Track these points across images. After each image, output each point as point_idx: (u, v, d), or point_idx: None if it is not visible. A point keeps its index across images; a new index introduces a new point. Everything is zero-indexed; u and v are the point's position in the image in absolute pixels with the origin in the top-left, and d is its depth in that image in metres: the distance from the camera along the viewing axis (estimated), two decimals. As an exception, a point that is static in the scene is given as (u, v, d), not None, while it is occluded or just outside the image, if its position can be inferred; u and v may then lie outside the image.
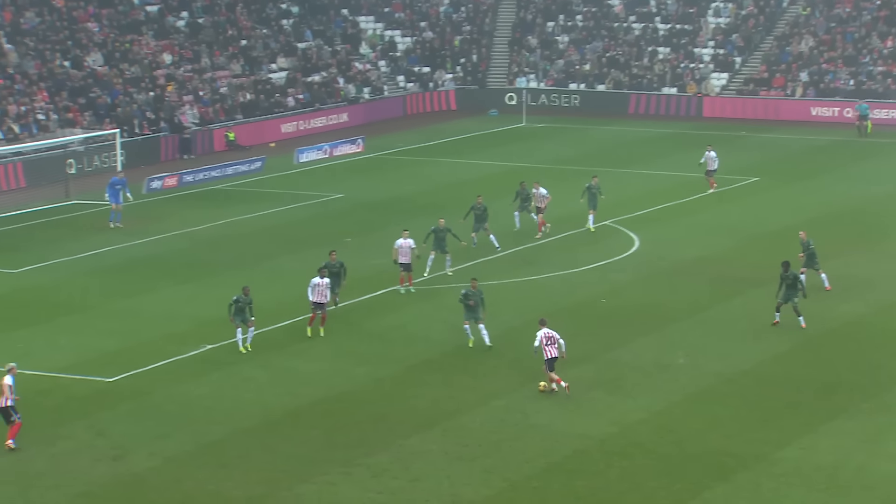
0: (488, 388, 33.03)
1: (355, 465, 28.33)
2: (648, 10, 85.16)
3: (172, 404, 32.12)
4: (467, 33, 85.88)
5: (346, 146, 67.41)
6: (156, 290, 41.91)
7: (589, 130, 73.34)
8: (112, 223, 50.64)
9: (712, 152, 56.20)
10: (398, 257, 40.81)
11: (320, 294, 36.74)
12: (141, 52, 72.54)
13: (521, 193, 48.77)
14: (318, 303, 36.88)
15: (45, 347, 36.41)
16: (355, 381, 33.69)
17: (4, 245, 48.54)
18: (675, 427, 30.50)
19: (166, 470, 28.26)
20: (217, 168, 61.14)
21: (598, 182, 49.71)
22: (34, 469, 28.25)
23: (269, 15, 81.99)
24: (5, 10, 70.45)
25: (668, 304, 39.95)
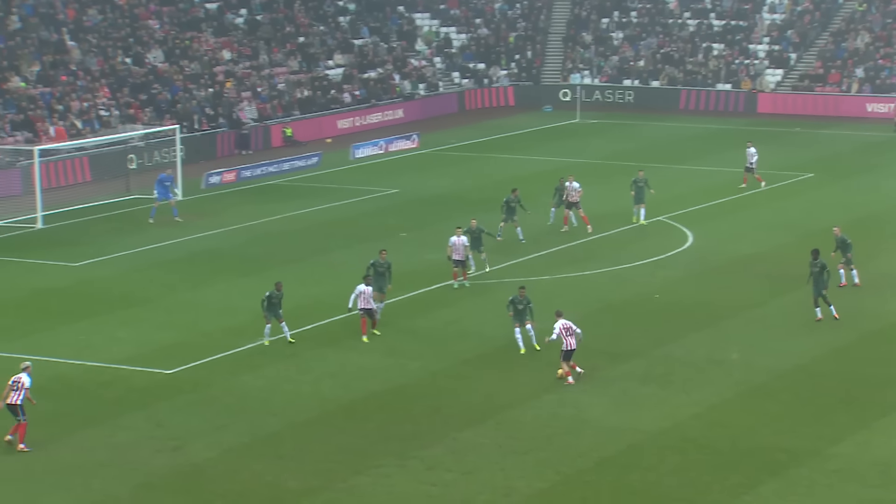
0: (541, 382, 33.14)
1: (410, 458, 28.49)
2: (703, 6, 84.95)
3: (230, 396, 32.41)
4: (522, 30, 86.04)
5: (402, 142, 67.72)
6: (214, 284, 42.33)
7: (643, 126, 73.27)
8: (152, 219, 51.10)
9: (752, 148, 56.11)
10: (452, 254, 41.09)
11: (365, 301, 36.67)
12: (200, 48, 73.27)
13: (559, 189, 49.01)
14: (365, 309, 36.77)
15: (105, 340, 36.82)
16: (410, 375, 33.92)
17: (67, 238, 49.13)
18: (728, 422, 30.51)
19: (224, 461, 28.51)
20: (274, 163, 61.65)
21: (644, 176, 49.94)
22: (96, 459, 28.59)
23: (327, 12, 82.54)
24: (69, 7, 71.39)
25: (721, 301, 39.91)
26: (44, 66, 65.36)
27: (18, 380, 29.52)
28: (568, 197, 48.35)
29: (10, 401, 29.35)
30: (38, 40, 67.38)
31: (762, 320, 38.30)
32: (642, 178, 49.78)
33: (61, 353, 35.62)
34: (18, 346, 36.28)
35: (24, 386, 29.45)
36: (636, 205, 49.63)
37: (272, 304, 35.94)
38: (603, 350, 35.59)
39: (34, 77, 64.43)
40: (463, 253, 41.01)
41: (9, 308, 40.36)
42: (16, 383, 29.48)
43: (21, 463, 28.45)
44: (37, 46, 66.78)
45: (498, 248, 45.93)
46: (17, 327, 38.22)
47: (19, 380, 29.51)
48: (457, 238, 41.10)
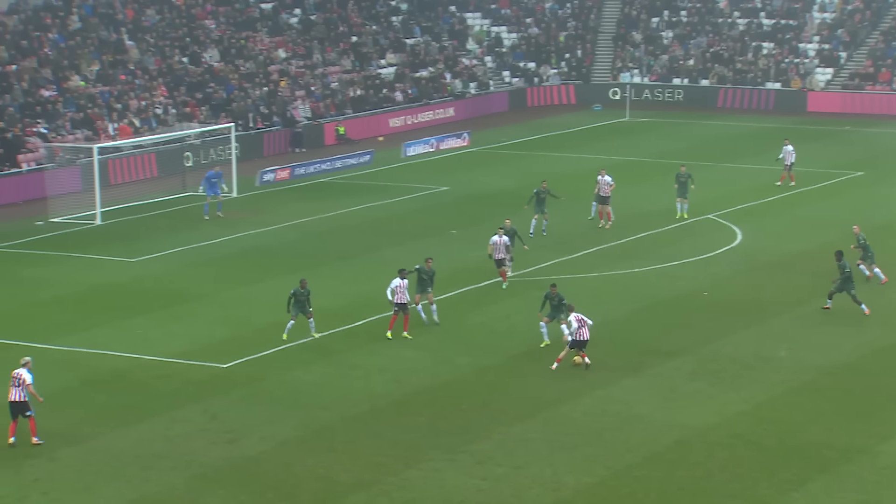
0: (590, 378, 33.27)
1: (460, 452, 28.62)
2: (753, 5, 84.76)
3: (283, 390, 32.67)
4: (572, 29, 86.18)
5: (453, 140, 68.01)
6: (267, 280, 42.62)
7: (692, 125, 73.19)
8: (207, 216, 51.73)
9: (790, 146, 55.98)
10: (493, 253, 41.25)
11: (401, 295, 36.70)
12: (255, 48, 73.95)
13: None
14: (400, 304, 36.87)
15: (162, 334, 37.19)
16: (459, 371, 34.07)
17: (126, 234, 49.70)
18: (776, 419, 30.51)
19: (278, 454, 28.71)
20: (327, 161, 62.11)
21: (686, 170, 50.22)
22: (153, 451, 28.88)
23: (379, 12, 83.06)
24: (127, 7, 72.30)
25: (770, 298, 39.90)
26: (103, 66, 66.22)
27: (18, 375, 29.33)
28: (600, 191, 48.82)
29: (11, 397, 29.21)
30: (98, 40, 68.26)
31: (810, 317, 38.25)
32: (685, 172, 50.25)
33: (119, 347, 36.04)
34: (77, 340, 36.82)
35: (24, 382, 29.21)
36: (679, 199, 50.01)
37: (299, 301, 36.09)
38: (652, 347, 35.74)
39: (94, 76, 65.29)
40: (504, 252, 41.13)
41: (68, 303, 40.88)
42: (16, 379, 29.32)
43: (79, 454, 28.83)
44: (96, 46, 67.66)
45: (547, 245, 46.15)
46: (76, 322, 38.70)
47: (19, 375, 29.32)
48: (498, 237, 41.28)
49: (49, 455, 28.74)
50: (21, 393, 29.27)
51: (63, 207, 52.69)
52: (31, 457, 28.72)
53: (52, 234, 50.21)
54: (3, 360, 35.27)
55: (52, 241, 48.87)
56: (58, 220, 51.86)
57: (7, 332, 37.63)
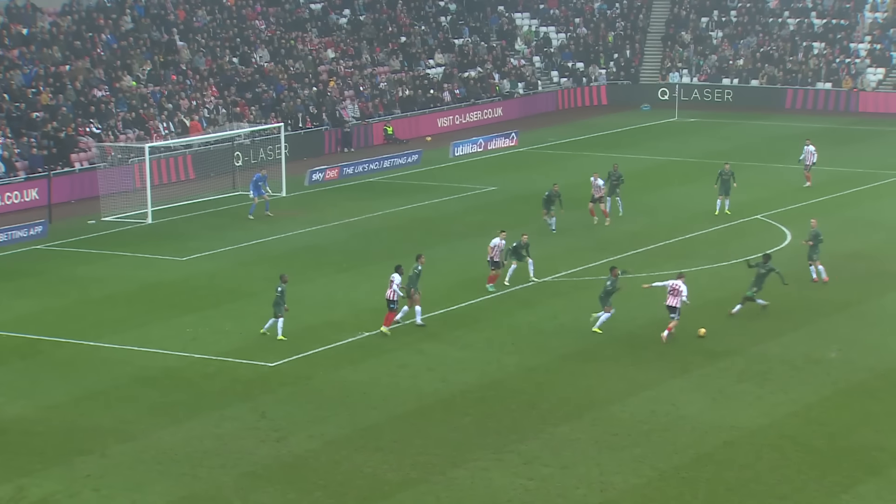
0: (639, 378, 33.22)
1: (507, 452, 28.61)
2: (804, 4, 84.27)
3: (331, 389, 32.77)
4: (621, 29, 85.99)
5: (501, 140, 68.04)
6: (315, 279, 42.78)
7: (742, 125, 72.85)
8: (252, 216, 51.97)
9: (811, 146, 55.59)
10: (492, 255, 40.78)
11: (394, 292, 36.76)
12: (305, 48, 74.28)
13: (612, 175, 50.58)
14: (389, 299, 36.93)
15: (211, 332, 37.38)
16: (507, 370, 34.08)
17: (176, 233, 50.04)
18: (826, 421, 30.38)
19: (325, 452, 28.81)
20: (375, 161, 62.30)
21: (730, 168, 50.56)
22: (202, 448, 29.04)
23: (428, 12, 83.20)
24: (179, 8, 72.85)
25: (820, 298, 39.72)
26: (154, 66, 66.73)
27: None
28: (594, 192, 49.51)
29: None
30: (150, 40, 68.79)
31: (861, 318, 38.04)
32: (728, 170, 50.65)
33: (169, 345, 36.27)
34: (128, 338, 37.06)
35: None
36: (720, 196, 50.38)
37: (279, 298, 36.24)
38: (701, 347, 35.62)
39: (145, 76, 65.80)
40: (500, 256, 40.75)
41: (120, 300, 41.16)
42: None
43: (130, 451, 29.07)
44: (148, 47, 68.19)
45: (595, 245, 46.14)
46: (127, 319, 38.96)
47: None
48: (499, 240, 41.04)
49: (101, 452, 28.99)
50: None
51: (115, 206, 53.11)
52: (83, 453, 29.01)
53: (103, 232, 50.63)
54: (55, 358, 35.78)
55: (104, 240, 49.27)
56: (109, 219, 52.28)
57: (59, 329, 37.97)
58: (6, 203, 54.56)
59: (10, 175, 55.85)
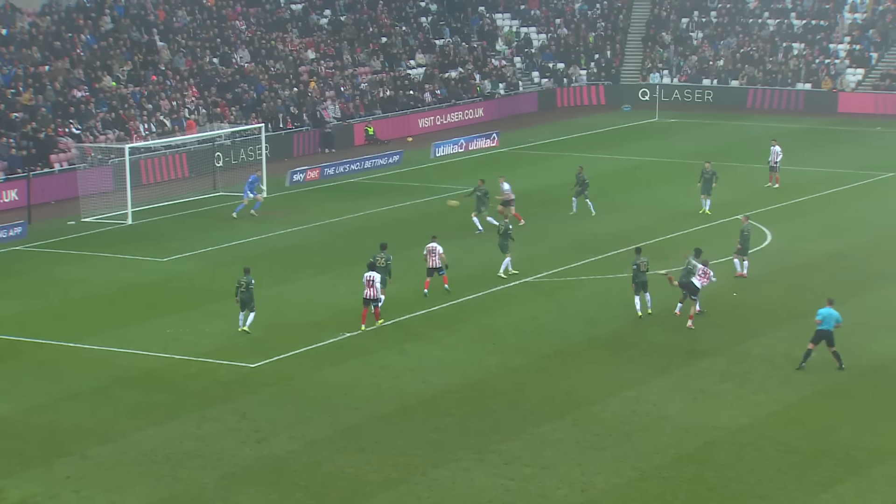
0: (620, 378, 33.27)
1: (488, 452, 28.65)
2: (783, 5, 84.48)
3: (312, 390, 32.73)
4: (601, 30, 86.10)
5: (482, 140, 68.06)
6: (296, 280, 42.77)
7: (722, 126, 73.03)
8: (235, 214, 51.96)
9: (777, 147, 55.90)
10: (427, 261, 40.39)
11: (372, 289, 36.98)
12: (285, 49, 74.18)
13: (578, 178, 51.05)
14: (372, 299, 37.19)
15: (192, 333, 37.33)
16: (488, 370, 34.09)
17: (156, 234, 49.96)
18: (806, 420, 30.44)
19: (307, 453, 28.79)
20: (356, 161, 62.27)
21: (711, 167, 50.77)
22: (183, 449, 29.02)
23: (409, 13, 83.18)
24: (159, 9, 72.68)
25: (800, 299, 39.71)
26: (134, 66, 66.56)
27: None
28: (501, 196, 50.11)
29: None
30: (129, 41, 68.61)
31: (842, 318, 37.99)
32: (709, 169, 50.88)
33: (150, 346, 36.22)
34: (109, 339, 37.01)
35: None
36: (703, 195, 50.70)
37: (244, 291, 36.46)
38: (681, 347, 35.71)
39: (125, 77, 65.62)
40: (437, 261, 40.19)
41: (100, 302, 41.08)
42: None
43: (110, 452, 29.03)
44: (128, 47, 68.00)
45: (573, 246, 46.20)
46: (107, 320, 38.90)
47: None
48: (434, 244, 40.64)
49: (81, 453, 28.96)
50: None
51: (95, 207, 53.00)
52: (63, 455, 28.96)
53: (83, 233, 50.56)
54: (35, 359, 35.66)
55: (84, 241, 49.18)
56: (89, 220, 52.20)
57: (39, 331, 37.87)
58: (-15, 204, 54.43)
59: (-11, 176, 55.68)
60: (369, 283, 37.08)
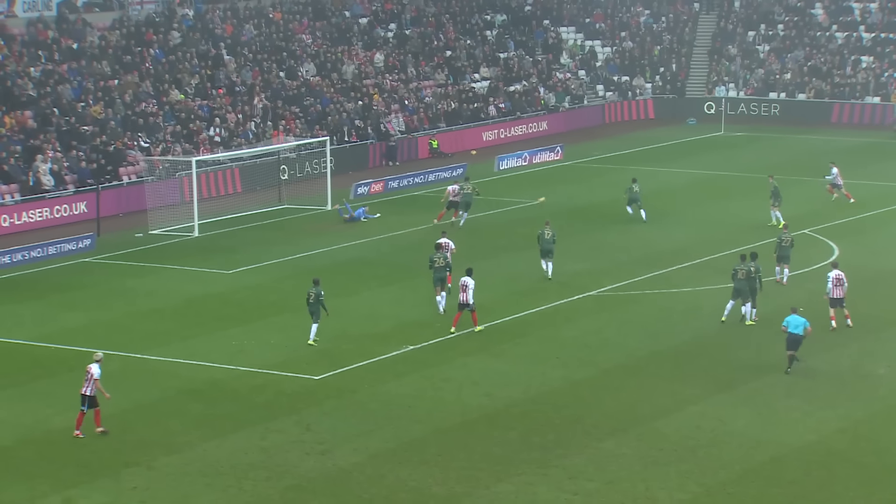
0: (684, 393, 33.08)
1: (551, 467, 28.54)
2: (852, 18, 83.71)
3: (375, 402, 32.77)
4: (667, 43, 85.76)
5: (546, 154, 67.94)
6: (360, 292, 42.87)
7: (789, 139, 72.41)
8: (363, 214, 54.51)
9: (835, 169, 55.48)
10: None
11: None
12: (351, 62, 74.48)
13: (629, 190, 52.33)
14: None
15: (257, 345, 37.48)
16: (551, 384, 34.00)
17: (222, 246, 50.20)
18: (875, 437, 30.17)
19: (370, 465, 28.80)
20: (420, 175, 62.37)
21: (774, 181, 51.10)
22: (248, 461, 29.08)
23: (474, 26, 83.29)
24: (226, 23, 73.29)
25: (868, 314, 39.35)
26: (202, 80, 67.13)
27: (89, 370, 30.82)
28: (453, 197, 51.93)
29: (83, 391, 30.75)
30: (197, 54, 69.20)
31: (910, 335, 37.77)
32: (773, 183, 50.86)
33: (215, 357, 36.41)
34: (174, 350, 37.26)
35: (93, 377, 30.65)
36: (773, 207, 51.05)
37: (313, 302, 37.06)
38: (747, 362, 35.47)
39: (192, 90, 66.20)
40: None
41: (166, 313, 41.37)
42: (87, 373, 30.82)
43: (176, 463, 29.19)
44: (195, 60, 68.57)
45: (638, 260, 46.05)
46: (174, 332, 39.14)
47: (89, 370, 30.81)
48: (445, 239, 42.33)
49: (147, 464, 29.13)
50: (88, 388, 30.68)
51: (162, 220, 53.42)
52: (130, 465, 29.16)
53: (150, 245, 50.93)
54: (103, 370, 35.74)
55: (151, 253, 49.57)
56: (157, 232, 52.59)
57: (106, 342, 38.11)
58: (55, 216, 55.02)
59: (59, 188, 56.31)
60: (463, 288, 37.73)
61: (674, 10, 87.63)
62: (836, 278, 38.03)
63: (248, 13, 75.33)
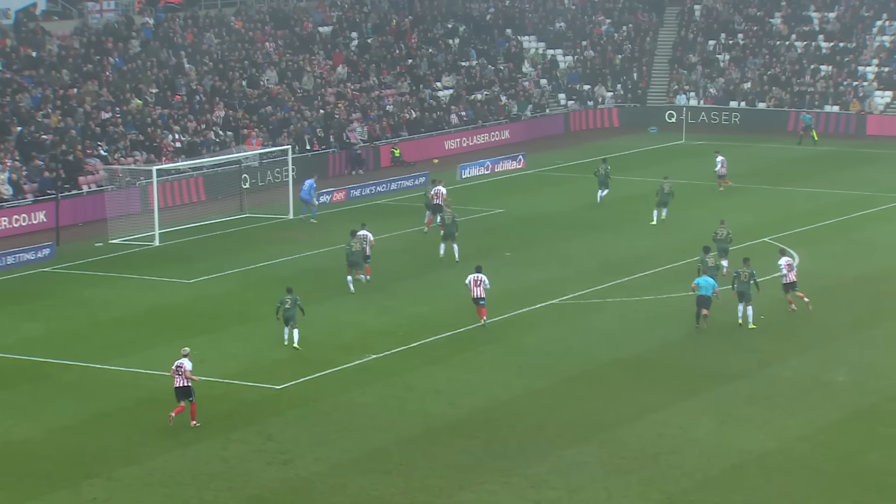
0: (646, 401, 33.11)
1: (514, 475, 28.52)
2: (811, 27, 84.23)
3: (338, 412, 32.67)
4: (628, 52, 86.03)
5: (508, 162, 67.90)
6: (323, 301, 42.53)
7: (749, 148, 72.59)
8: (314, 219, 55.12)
9: (720, 157, 58.45)
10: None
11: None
12: (313, 70, 74.31)
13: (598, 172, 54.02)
14: None
15: (218, 355, 37.28)
16: (514, 393, 33.95)
17: (183, 256, 49.91)
18: (835, 444, 30.27)
19: (332, 475, 28.71)
20: (382, 183, 62.21)
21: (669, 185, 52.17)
22: (209, 471, 28.98)
23: (436, 35, 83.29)
24: (187, 31, 72.96)
25: (828, 322, 39.55)
26: (161, 88, 66.79)
27: (181, 365, 32.05)
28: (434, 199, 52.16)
29: (177, 384, 32.02)
30: (157, 63, 68.85)
31: (871, 342, 37.87)
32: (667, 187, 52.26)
33: (176, 367, 36.37)
34: (135, 360, 37.03)
35: (186, 369, 31.95)
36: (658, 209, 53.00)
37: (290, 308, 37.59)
38: (708, 370, 35.53)
39: (152, 98, 65.85)
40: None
41: (127, 323, 41.08)
42: (178, 368, 32.05)
43: (137, 474, 29.01)
44: (156, 69, 68.21)
45: (599, 267, 46.06)
46: (134, 342, 38.90)
47: (181, 365, 32.04)
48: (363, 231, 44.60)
49: (107, 475, 28.94)
50: (183, 380, 31.96)
51: (122, 229, 53.05)
52: (89, 476, 28.94)
53: (111, 255, 50.57)
54: (62, 381, 35.72)
55: (112, 263, 49.21)
56: (117, 242, 52.21)
57: (66, 352, 37.94)
58: (14, 225, 54.59)
59: (18, 198, 55.88)
60: (476, 283, 39.01)
61: (635, 19, 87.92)
62: (787, 264, 40.00)
63: (209, 21, 75.02)
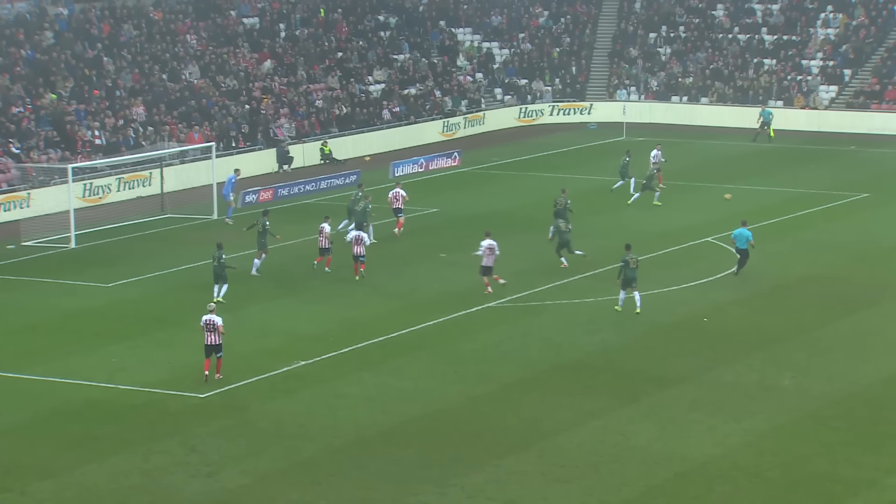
0: (587, 407, 32.73)
1: (450, 486, 28.17)
2: (754, 20, 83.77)
3: (265, 421, 32.19)
4: (566, 45, 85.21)
5: (442, 160, 67.26)
6: (249, 306, 41.98)
7: (692, 144, 72.49)
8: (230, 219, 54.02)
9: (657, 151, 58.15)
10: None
11: None
12: (238, 64, 72.88)
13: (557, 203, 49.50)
14: None
15: (139, 362, 36.65)
16: (449, 400, 33.58)
17: (100, 258, 49.10)
18: (780, 451, 30.01)
19: (259, 487, 28.29)
20: (312, 182, 61.18)
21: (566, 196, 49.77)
22: (129, 484, 28.42)
23: (367, 27, 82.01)
24: (104, 22, 71.15)
25: (773, 324, 39.36)
26: (77, 82, 65.03)
27: (211, 321, 34.06)
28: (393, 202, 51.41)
29: (208, 342, 34.09)
30: (73, 56, 67.10)
31: (816, 345, 37.67)
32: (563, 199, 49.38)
33: (94, 376, 35.41)
34: (50, 368, 36.15)
35: (218, 325, 34.00)
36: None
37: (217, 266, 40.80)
38: (651, 375, 35.18)
39: (68, 93, 64.14)
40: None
41: (41, 329, 40.29)
42: (209, 324, 34.07)
43: (51, 488, 28.32)
44: (71, 62, 66.47)
45: (538, 270, 45.62)
46: (49, 349, 38.11)
47: (212, 321, 34.05)
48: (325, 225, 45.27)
49: (20, 489, 28.27)
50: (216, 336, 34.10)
51: (36, 230, 52.06)
52: (1, 491, 28.28)
53: (24, 257, 49.56)
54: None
55: (25, 266, 48.22)
56: (30, 244, 51.19)
57: (-24, 360, 37.03)
58: (-79, 227, 53.16)
59: (-74, 198, 54.27)
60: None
61: (573, 10, 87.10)
62: (487, 248, 41.67)
63: (127, 12, 73.10)
